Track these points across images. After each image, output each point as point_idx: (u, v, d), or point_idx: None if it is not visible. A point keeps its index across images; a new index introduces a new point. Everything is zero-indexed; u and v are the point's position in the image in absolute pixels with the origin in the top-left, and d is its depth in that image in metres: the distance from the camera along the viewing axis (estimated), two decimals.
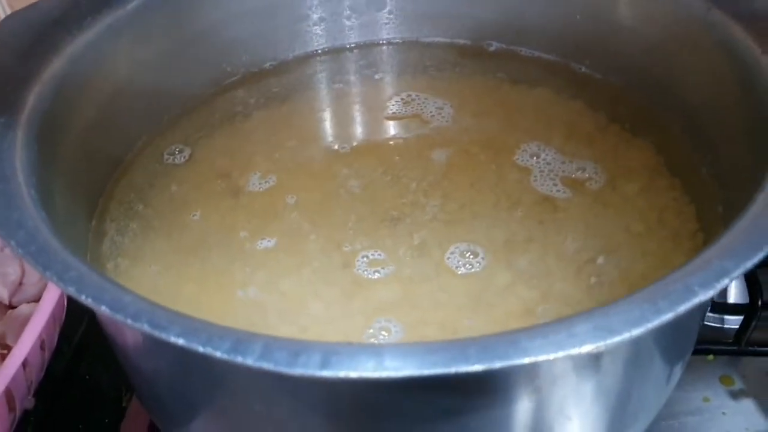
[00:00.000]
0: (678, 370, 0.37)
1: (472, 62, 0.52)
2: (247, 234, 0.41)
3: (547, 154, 0.44)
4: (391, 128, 0.49)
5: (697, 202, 0.40)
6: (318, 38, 0.52)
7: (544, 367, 0.28)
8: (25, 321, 0.43)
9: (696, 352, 0.49)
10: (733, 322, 0.47)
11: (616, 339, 0.24)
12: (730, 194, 0.37)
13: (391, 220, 0.42)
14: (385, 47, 0.54)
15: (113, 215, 0.43)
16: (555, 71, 0.50)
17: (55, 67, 0.39)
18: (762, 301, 0.45)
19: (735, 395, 0.46)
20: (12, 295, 0.48)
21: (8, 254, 0.49)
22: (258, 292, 0.38)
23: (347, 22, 0.53)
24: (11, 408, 0.42)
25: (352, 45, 0.53)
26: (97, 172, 0.43)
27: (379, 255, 0.40)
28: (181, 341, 0.25)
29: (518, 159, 0.44)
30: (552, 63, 0.51)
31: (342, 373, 0.23)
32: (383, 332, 0.36)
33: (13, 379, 0.40)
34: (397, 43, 0.54)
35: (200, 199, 0.44)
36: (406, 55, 0.53)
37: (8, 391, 0.41)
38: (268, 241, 0.41)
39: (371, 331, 0.36)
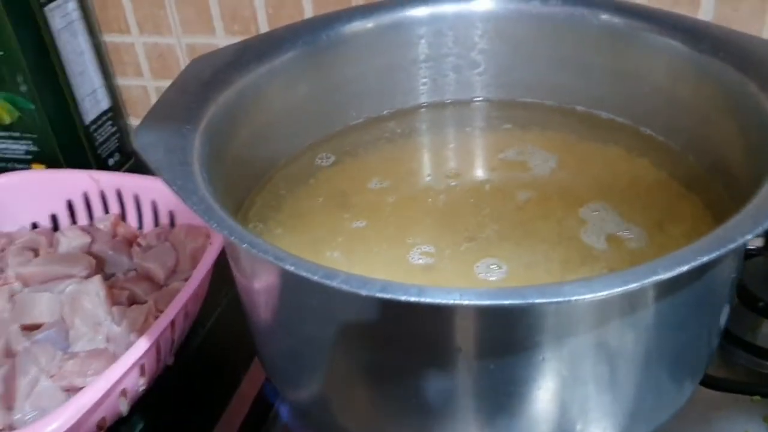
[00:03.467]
0: (719, 328, 0.44)
1: (565, 121, 0.61)
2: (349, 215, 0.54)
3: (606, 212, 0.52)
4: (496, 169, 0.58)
5: None
6: (424, 94, 0.64)
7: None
8: (175, 294, 0.54)
9: (741, 392, 0.55)
10: None
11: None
12: None
13: (454, 229, 0.51)
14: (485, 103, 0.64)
15: (256, 209, 0.55)
16: (626, 133, 0.59)
17: (227, 95, 0.52)
18: None
19: None
20: (167, 277, 0.60)
21: (168, 247, 0.62)
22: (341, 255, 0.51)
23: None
24: (158, 357, 0.53)
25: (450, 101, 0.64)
26: (248, 177, 0.55)
27: (430, 248, 0.50)
28: (317, 278, 0.35)
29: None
30: (624, 126, 0.59)
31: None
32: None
33: (162, 333, 0.52)
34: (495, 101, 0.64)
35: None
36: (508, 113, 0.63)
37: (157, 343, 0.52)
38: (361, 222, 0.53)
39: None
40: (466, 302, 0.33)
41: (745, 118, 0.48)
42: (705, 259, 0.33)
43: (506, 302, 0.33)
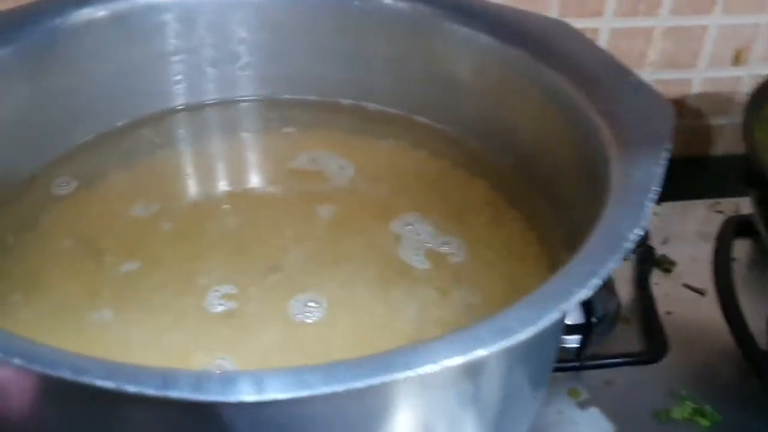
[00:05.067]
0: (545, 383, 0.42)
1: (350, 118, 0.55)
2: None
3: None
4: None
5: (538, 230, 0.46)
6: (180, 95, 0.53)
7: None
8: None
9: None
10: (572, 341, 0.54)
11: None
12: (571, 217, 0.42)
13: (253, 259, 0.44)
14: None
15: None
16: (400, 124, 0.54)
17: None
18: (595, 319, 0.53)
19: (582, 405, 0.52)
20: None
21: None
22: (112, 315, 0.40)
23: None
24: None
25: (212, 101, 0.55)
26: None
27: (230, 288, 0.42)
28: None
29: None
30: (397, 116, 0.55)
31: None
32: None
33: None
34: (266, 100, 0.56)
35: None
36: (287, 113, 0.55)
37: None
38: (132, 264, 0.43)
39: None
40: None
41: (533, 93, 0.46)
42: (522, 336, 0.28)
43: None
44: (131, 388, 0.24)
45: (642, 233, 0.32)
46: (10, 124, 0.45)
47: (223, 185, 0.51)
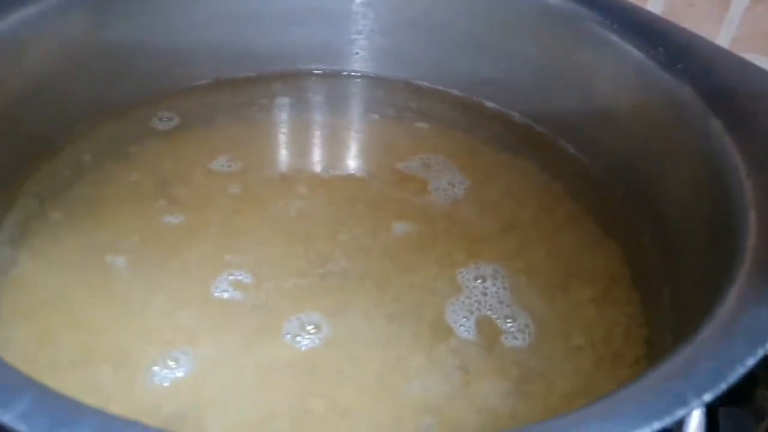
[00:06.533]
0: None
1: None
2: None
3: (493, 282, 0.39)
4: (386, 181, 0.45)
5: (652, 326, 0.35)
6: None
7: None
8: None
9: None
10: None
11: None
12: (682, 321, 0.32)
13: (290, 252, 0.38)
14: None
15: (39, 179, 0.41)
16: (540, 144, 0.46)
17: None
18: None
19: None
20: None
21: None
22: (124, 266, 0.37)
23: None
24: None
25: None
26: (14, 156, 0.40)
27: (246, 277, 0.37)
28: None
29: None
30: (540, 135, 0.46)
31: None
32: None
33: None
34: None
35: None
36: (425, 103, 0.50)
37: None
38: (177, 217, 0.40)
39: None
40: None
41: (694, 152, 0.35)
42: None
43: None
44: None
45: None
46: (134, 49, 0.44)
47: (314, 166, 0.45)
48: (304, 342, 0.34)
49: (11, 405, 0.19)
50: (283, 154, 0.46)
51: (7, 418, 0.19)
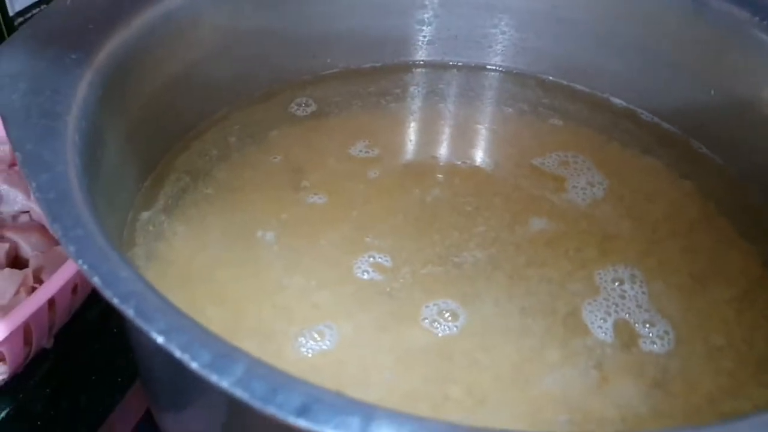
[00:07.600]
0: None
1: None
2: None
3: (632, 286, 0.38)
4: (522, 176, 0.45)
5: None
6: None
7: None
8: (64, 260, 0.42)
9: None
10: None
11: None
12: None
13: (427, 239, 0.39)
14: None
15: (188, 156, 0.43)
16: (673, 145, 0.46)
17: (149, 15, 0.38)
18: None
19: None
20: None
21: None
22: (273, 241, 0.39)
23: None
24: (27, 342, 0.41)
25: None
26: (166, 133, 0.42)
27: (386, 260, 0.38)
28: (160, 339, 0.22)
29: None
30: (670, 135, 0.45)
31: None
32: None
33: (34, 314, 0.40)
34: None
35: None
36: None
37: (27, 326, 0.40)
38: (321, 197, 0.41)
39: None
40: None
41: None
42: None
43: None
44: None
45: None
46: (272, 36, 0.46)
47: (449, 156, 0.46)
48: (441, 328, 0.35)
49: (228, 371, 0.21)
50: (419, 143, 0.47)
51: (226, 383, 0.21)
